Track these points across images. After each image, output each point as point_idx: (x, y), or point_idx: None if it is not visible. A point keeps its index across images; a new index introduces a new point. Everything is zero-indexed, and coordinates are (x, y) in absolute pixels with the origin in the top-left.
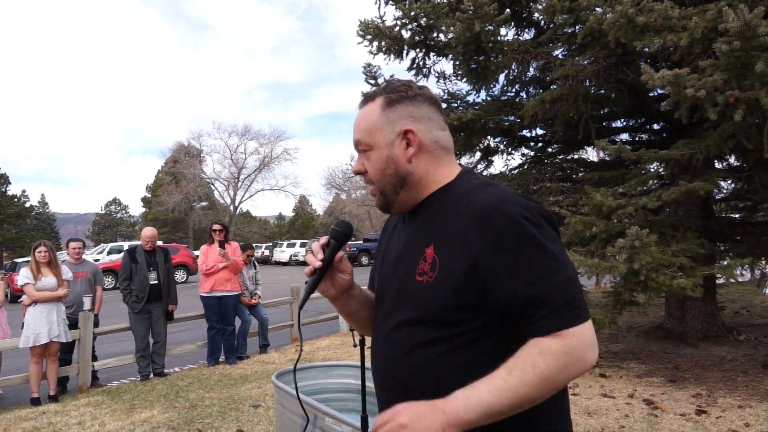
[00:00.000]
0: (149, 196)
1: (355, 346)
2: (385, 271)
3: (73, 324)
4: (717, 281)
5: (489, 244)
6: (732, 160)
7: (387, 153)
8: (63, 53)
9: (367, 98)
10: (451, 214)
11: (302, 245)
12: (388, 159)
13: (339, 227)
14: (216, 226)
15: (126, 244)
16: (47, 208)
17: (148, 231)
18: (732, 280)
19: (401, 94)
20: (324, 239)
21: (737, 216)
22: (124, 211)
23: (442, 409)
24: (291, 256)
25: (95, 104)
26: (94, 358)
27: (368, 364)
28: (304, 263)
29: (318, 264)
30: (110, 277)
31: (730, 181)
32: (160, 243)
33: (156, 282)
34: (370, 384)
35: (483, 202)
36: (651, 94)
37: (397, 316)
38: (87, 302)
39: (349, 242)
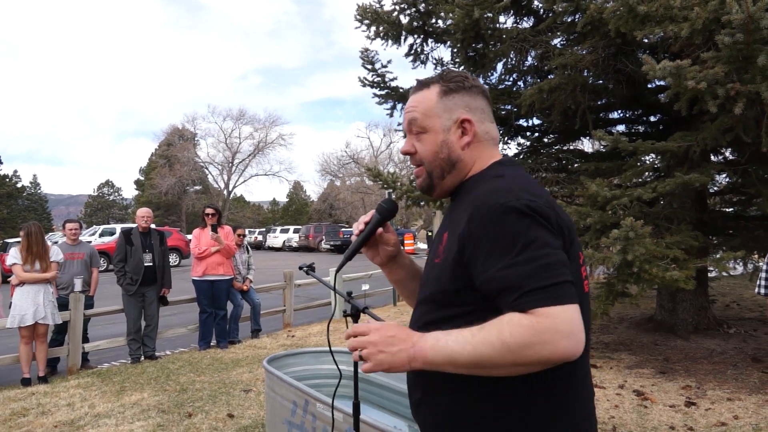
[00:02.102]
0: (142, 179)
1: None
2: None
3: (66, 305)
4: (709, 274)
5: (474, 231)
6: (728, 153)
7: (442, 138)
8: (55, 31)
9: (423, 84)
10: (462, 203)
11: (296, 231)
12: (442, 143)
13: (385, 204)
14: (209, 210)
15: (118, 227)
16: (39, 189)
17: (143, 209)
18: (724, 274)
19: (458, 84)
20: (370, 213)
21: (731, 210)
22: (116, 194)
23: (414, 342)
24: (284, 241)
25: (87, 83)
26: (86, 340)
27: None
28: (296, 249)
29: (357, 233)
30: (102, 259)
31: (725, 175)
32: (153, 226)
33: (151, 264)
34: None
35: (480, 192)
36: (649, 86)
37: (419, 295)
38: (78, 284)
39: (343, 229)
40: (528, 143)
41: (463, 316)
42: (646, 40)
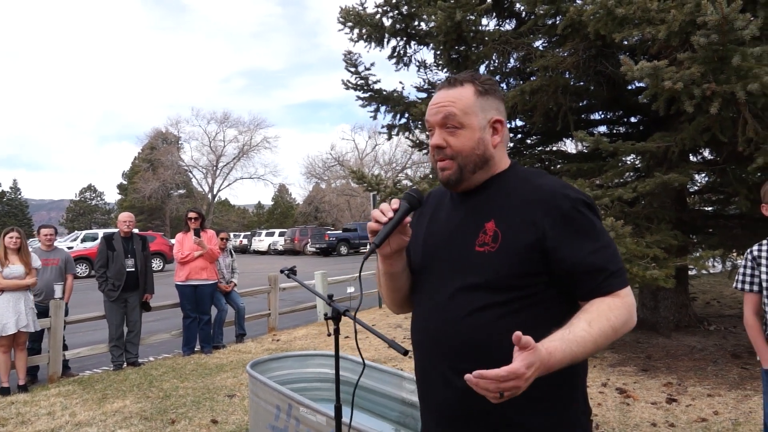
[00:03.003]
0: (125, 183)
1: (329, 335)
2: (434, 244)
3: (42, 312)
4: (689, 272)
5: (554, 221)
6: (706, 153)
7: (479, 135)
8: (34, 32)
9: (456, 82)
10: (512, 195)
11: (281, 234)
12: (479, 140)
13: (415, 193)
14: (192, 214)
15: (100, 232)
16: (19, 194)
17: (125, 214)
18: (704, 272)
19: (492, 87)
20: (395, 202)
21: (710, 209)
22: (99, 198)
23: (543, 364)
24: (269, 245)
25: (68, 85)
26: (65, 348)
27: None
28: (282, 252)
29: (384, 220)
30: (84, 265)
31: (704, 174)
32: (136, 231)
33: (133, 269)
34: (344, 373)
35: (546, 186)
36: (629, 87)
37: (454, 283)
38: (58, 290)
39: (329, 232)
40: (511, 145)
41: (517, 300)
42: (625, 42)
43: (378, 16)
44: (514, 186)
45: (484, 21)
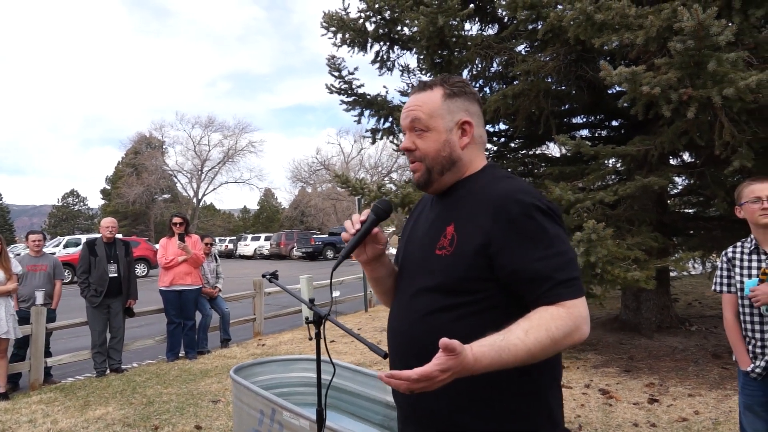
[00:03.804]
0: (109, 188)
1: (310, 339)
2: (411, 247)
3: (28, 319)
4: (670, 274)
5: (501, 226)
6: (686, 156)
7: (445, 137)
8: (16, 35)
9: (426, 86)
10: (474, 199)
11: (267, 239)
12: (445, 143)
13: (381, 205)
14: (176, 219)
15: (83, 237)
16: (1, 200)
17: (107, 219)
18: (684, 273)
19: (460, 89)
20: (365, 213)
21: (690, 211)
22: (82, 203)
23: (467, 369)
24: (255, 249)
25: (50, 89)
26: (49, 354)
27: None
28: (268, 257)
29: (353, 231)
30: (67, 270)
31: (683, 177)
32: (119, 236)
33: (116, 275)
34: (326, 377)
35: (502, 190)
36: (609, 91)
37: (416, 285)
38: (39, 297)
39: (315, 236)
40: (494, 148)
41: (470, 304)
42: (605, 48)
43: (361, 21)
44: (478, 189)
45: (467, 26)
